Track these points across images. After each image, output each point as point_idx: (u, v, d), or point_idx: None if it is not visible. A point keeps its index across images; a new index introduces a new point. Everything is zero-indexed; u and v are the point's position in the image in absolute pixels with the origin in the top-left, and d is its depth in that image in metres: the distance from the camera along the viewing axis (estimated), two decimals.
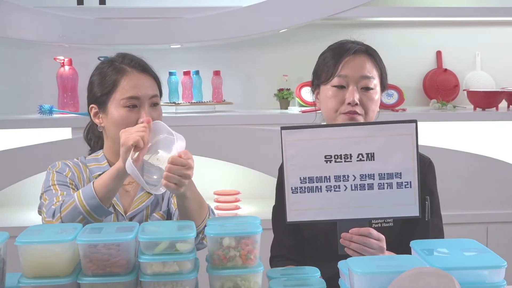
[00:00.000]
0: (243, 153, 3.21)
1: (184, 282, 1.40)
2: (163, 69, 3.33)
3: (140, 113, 1.84)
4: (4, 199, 3.37)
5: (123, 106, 1.84)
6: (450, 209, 2.56)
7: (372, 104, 1.91)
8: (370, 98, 1.90)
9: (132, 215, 1.89)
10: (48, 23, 3.19)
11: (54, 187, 1.83)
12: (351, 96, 1.88)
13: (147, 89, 1.87)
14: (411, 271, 1.28)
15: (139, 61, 1.91)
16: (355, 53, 1.92)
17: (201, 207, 1.76)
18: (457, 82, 3.68)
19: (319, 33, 3.47)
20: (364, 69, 1.91)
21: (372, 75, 1.91)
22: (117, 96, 1.85)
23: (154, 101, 1.88)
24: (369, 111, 1.91)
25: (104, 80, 1.87)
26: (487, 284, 1.34)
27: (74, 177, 1.88)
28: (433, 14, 3.47)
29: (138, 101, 1.84)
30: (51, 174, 1.87)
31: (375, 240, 1.66)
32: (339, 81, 1.91)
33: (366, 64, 1.92)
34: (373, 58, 1.94)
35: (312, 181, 1.67)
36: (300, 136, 1.68)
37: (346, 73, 1.90)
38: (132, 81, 1.86)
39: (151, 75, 1.91)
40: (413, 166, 1.66)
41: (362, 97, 1.89)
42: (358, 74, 1.90)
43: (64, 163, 1.91)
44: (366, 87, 1.90)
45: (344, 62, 1.91)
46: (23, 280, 1.37)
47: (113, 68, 1.88)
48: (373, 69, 1.92)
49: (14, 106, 3.43)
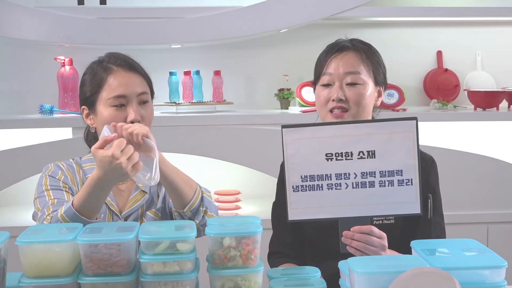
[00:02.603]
0: (244, 153, 3.21)
1: (185, 282, 1.40)
2: (163, 69, 3.36)
3: (128, 111, 1.82)
4: (4, 199, 3.37)
5: (110, 106, 1.82)
6: (451, 209, 2.55)
7: (362, 99, 1.91)
8: (357, 93, 1.90)
9: (127, 215, 1.88)
10: (48, 23, 3.20)
11: (47, 192, 1.82)
12: (334, 93, 1.91)
13: (135, 86, 1.84)
14: (411, 271, 1.28)
15: (126, 59, 1.89)
16: (341, 51, 1.94)
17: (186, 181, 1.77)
18: (457, 82, 3.68)
19: (319, 33, 3.46)
20: (348, 65, 1.92)
21: (358, 70, 1.92)
22: (104, 96, 1.83)
23: (143, 99, 1.85)
24: (359, 106, 1.91)
25: (92, 80, 1.87)
26: (487, 284, 1.34)
27: (67, 180, 1.87)
28: (434, 14, 3.47)
29: (125, 100, 1.82)
30: (44, 179, 1.86)
31: (377, 238, 1.66)
32: (326, 79, 1.94)
33: (351, 60, 1.92)
34: (362, 53, 1.94)
35: (313, 179, 1.68)
36: (301, 135, 1.68)
37: (331, 71, 1.93)
38: (117, 79, 1.83)
39: (140, 73, 1.88)
40: (414, 163, 1.66)
41: (348, 92, 1.90)
42: (342, 70, 1.92)
43: (56, 165, 1.90)
44: (352, 82, 1.91)
45: (330, 60, 1.94)
46: (23, 280, 1.37)
47: (101, 67, 1.87)
48: (360, 64, 1.92)
49: (14, 106, 3.44)
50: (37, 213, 1.81)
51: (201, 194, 1.79)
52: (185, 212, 1.76)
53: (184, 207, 1.76)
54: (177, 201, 1.77)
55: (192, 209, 1.76)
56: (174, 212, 1.82)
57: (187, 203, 1.76)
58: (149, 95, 1.89)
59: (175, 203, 1.79)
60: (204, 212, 1.79)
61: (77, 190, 1.87)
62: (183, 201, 1.76)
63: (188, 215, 1.77)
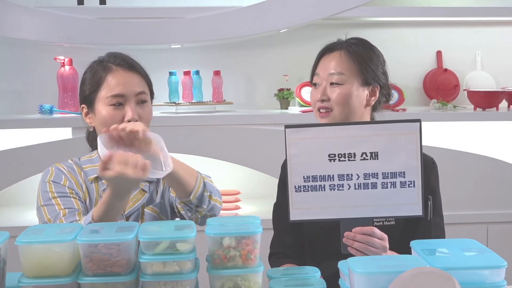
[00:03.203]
0: (244, 153, 3.21)
1: (185, 282, 1.40)
2: (163, 69, 3.36)
3: (126, 110, 1.82)
4: (4, 199, 3.37)
5: (108, 104, 1.83)
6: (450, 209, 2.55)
7: (345, 99, 1.92)
8: (339, 93, 1.92)
9: (128, 214, 1.88)
10: (48, 23, 3.20)
11: (55, 200, 1.80)
12: (318, 93, 1.95)
13: (133, 86, 1.84)
14: (411, 271, 1.28)
15: (126, 59, 1.89)
16: (331, 51, 1.97)
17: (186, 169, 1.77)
18: (457, 82, 3.68)
19: (319, 33, 3.46)
20: (332, 66, 1.94)
21: (341, 71, 1.93)
22: (103, 94, 1.84)
23: (142, 98, 1.86)
24: (344, 106, 1.92)
25: (91, 79, 1.87)
26: (487, 284, 1.34)
27: (72, 185, 1.85)
28: (433, 14, 3.47)
29: (123, 99, 1.83)
30: (48, 185, 1.84)
31: (378, 239, 1.66)
32: (315, 79, 1.99)
33: (338, 61, 1.94)
34: (350, 53, 1.94)
35: (315, 180, 1.68)
36: (304, 135, 1.68)
37: (319, 71, 1.98)
38: (116, 78, 1.84)
39: (139, 73, 1.88)
40: (417, 165, 1.66)
41: (331, 93, 1.93)
42: (326, 71, 1.95)
43: (58, 169, 1.88)
44: (335, 82, 1.94)
45: (320, 60, 1.99)
46: (23, 280, 1.37)
47: (101, 66, 1.88)
48: (345, 64, 1.93)
49: (14, 106, 3.43)
50: (47, 223, 1.78)
51: (203, 180, 1.80)
52: (191, 200, 1.76)
53: (189, 195, 1.76)
54: (181, 191, 1.77)
55: (198, 195, 1.76)
56: (179, 204, 1.82)
57: (191, 191, 1.76)
58: (147, 95, 1.89)
59: (179, 193, 1.79)
60: (209, 197, 1.80)
61: (82, 193, 1.86)
62: (187, 190, 1.76)
63: (195, 202, 1.77)
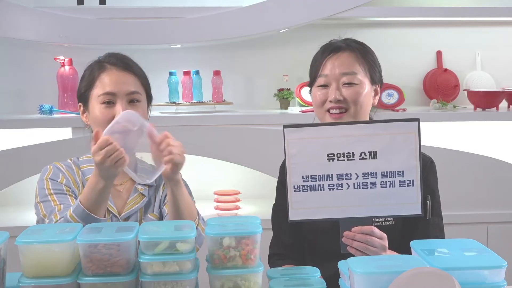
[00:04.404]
0: (243, 153, 3.21)
1: (184, 282, 1.40)
2: (163, 69, 3.36)
3: (116, 109, 1.82)
4: (4, 199, 3.37)
5: (100, 103, 1.84)
6: (450, 209, 2.55)
7: (360, 98, 1.92)
8: (355, 93, 1.92)
9: (126, 216, 1.88)
10: (48, 23, 3.19)
11: (51, 196, 1.82)
12: (332, 94, 1.92)
13: (126, 85, 1.85)
14: (411, 271, 1.28)
15: (122, 59, 1.90)
16: (335, 51, 1.95)
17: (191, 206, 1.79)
18: (457, 82, 3.68)
19: (319, 33, 3.42)
20: (344, 66, 1.93)
21: (354, 70, 1.93)
22: (95, 92, 1.85)
23: (134, 98, 1.86)
24: (357, 106, 1.92)
25: (87, 77, 1.90)
26: (487, 284, 1.34)
27: (69, 183, 1.87)
28: (433, 14, 3.47)
29: (114, 97, 1.84)
30: (45, 182, 1.86)
31: (377, 239, 1.66)
32: (323, 80, 1.95)
33: (346, 60, 1.94)
34: (357, 53, 1.95)
35: (314, 180, 1.68)
36: (303, 135, 1.68)
37: (327, 72, 1.94)
38: (109, 77, 1.85)
39: (134, 73, 1.89)
40: (416, 164, 1.66)
41: (346, 92, 1.92)
42: (338, 71, 1.93)
43: (56, 167, 1.90)
44: (348, 82, 1.92)
45: (326, 61, 1.95)
46: (23, 280, 1.37)
47: (97, 65, 1.90)
48: (356, 64, 1.93)
49: (14, 106, 3.43)
50: (43, 219, 1.80)
51: (199, 227, 1.82)
52: None
53: None
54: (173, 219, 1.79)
55: None
56: None
57: None
58: (141, 95, 1.89)
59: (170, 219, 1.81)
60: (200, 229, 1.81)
61: (78, 191, 1.87)
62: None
63: None
